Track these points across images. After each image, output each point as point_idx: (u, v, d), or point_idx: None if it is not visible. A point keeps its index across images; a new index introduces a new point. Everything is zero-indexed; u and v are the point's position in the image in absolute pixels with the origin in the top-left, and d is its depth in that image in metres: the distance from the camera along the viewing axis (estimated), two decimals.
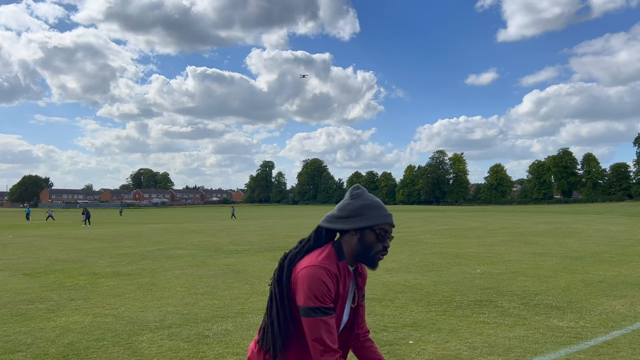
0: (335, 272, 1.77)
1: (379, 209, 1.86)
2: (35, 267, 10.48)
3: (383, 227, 1.83)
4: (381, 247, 1.83)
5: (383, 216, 1.85)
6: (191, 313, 6.01)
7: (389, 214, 1.87)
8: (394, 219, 1.88)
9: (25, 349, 4.60)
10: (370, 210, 1.85)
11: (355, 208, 1.85)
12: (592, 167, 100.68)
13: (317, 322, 1.71)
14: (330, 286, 1.74)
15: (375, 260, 1.83)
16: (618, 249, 12.61)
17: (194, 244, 15.74)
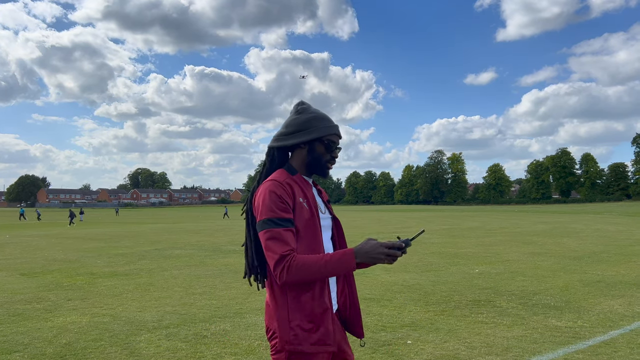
0: (287, 182, 1.83)
1: (325, 120, 1.93)
2: (33, 267, 10.45)
3: (330, 138, 1.91)
4: (329, 156, 1.92)
5: (330, 127, 1.91)
6: (189, 313, 6.00)
7: (335, 125, 1.94)
8: (340, 129, 1.96)
9: (22, 349, 4.58)
10: (317, 122, 1.91)
11: (302, 122, 1.90)
12: (590, 167, 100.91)
13: (270, 232, 1.72)
14: (282, 195, 1.77)
15: (325, 169, 1.92)
16: (616, 249, 12.62)
17: (191, 244, 15.72)
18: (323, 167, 1.92)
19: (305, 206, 1.84)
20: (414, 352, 4.39)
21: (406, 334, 4.97)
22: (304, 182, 1.91)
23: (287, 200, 1.79)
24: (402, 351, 4.41)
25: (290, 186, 1.83)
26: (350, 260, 1.71)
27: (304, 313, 1.76)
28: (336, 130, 1.93)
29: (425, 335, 4.92)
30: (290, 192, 1.81)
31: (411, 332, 5.04)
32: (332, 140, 1.92)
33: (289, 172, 1.90)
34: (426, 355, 4.30)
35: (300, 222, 1.79)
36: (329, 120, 1.93)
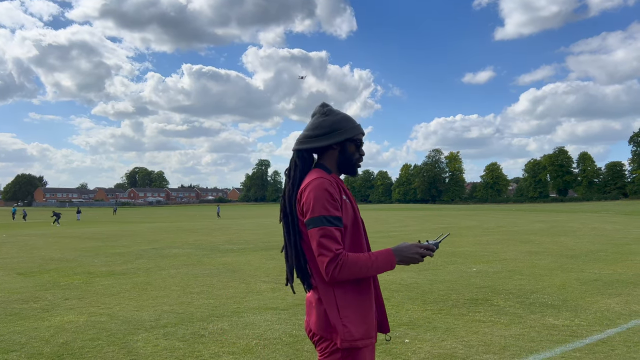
0: (336, 182, 1.89)
1: (352, 120, 2.00)
2: (30, 267, 10.42)
3: (359, 137, 1.99)
4: (359, 155, 1.99)
5: (357, 126, 1.99)
6: (187, 312, 5.99)
7: (359, 125, 2.01)
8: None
9: (19, 349, 4.57)
10: (346, 123, 1.96)
11: (332, 123, 1.94)
12: (587, 165, 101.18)
13: (321, 230, 1.73)
14: (333, 193, 1.81)
15: (356, 168, 2.00)
16: (613, 248, 12.66)
17: (189, 243, 15.70)
18: (354, 166, 1.98)
19: (349, 203, 1.89)
20: (411, 350, 4.39)
21: (404, 332, 4.98)
22: (341, 181, 1.96)
23: (337, 197, 1.82)
24: (400, 350, 4.41)
25: (336, 182, 1.88)
26: (393, 259, 1.79)
27: (353, 309, 1.80)
28: (362, 130, 2.01)
29: (423, 334, 4.93)
30: (336, 187, 1.85)
31: (409, 330, 5.05)
32: (361, 140, 2.00)
33: (328, 172, 1.93)
34: (423, 354, 4.30)
35: (346, 219, 1.84)
36: (354, 121, 2.00)
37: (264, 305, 6.36)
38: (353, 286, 1.82)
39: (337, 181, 1.91)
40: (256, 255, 12.15)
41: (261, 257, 11.61)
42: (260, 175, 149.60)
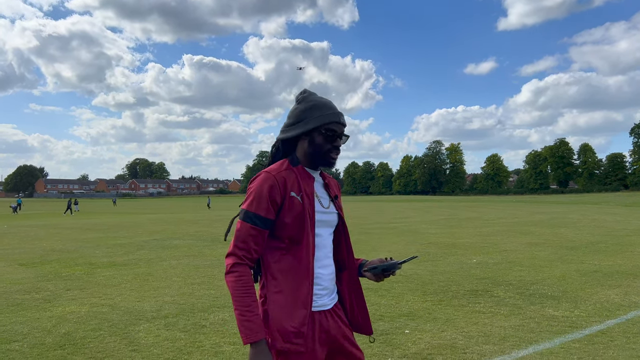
0: (282, 174, 1.80)
1: (324, 108, 1.85)
2: (31, 257, 10.46)
3: (329, 127, 1.83)
4: (330, 146, 1.84)
5: (328, 115, 1.83)
6: (188, 303, 6.02)
7: (335, 113, 1.85)
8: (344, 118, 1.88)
9: (21, 339, 4.60)
10: (314, 111, 1.84)
11: (300, 112, 1.86)
12: (588, 157, 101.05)
13: (241, 224, 1.77)
14: (269, 190, 1.76)
15: (327, 160, 1.85)
16: (613, 239, 12.68)
17: (190, 234, 15.74)
18: (324, 158, 1.85)
19: (298, 200, 1.79)
20: (411, 341, 4.41)
21: (404, 323, 5.00)
22: (304, 175, 1.86)
23: (276, 194, 1.76)
24: (400, 340, 4.44)
25: (283, 179, 1.79)
26: (247, 338, 1.66)
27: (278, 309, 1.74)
28: (336, 118, 1.85)
29: (423, 324, 4.95)
30: (281, 185, 1.78)
31: (409, 321, 5.07)
32: (332, 129, 1.83)
33: (291, 163, 1.85)
34: (423, 344, 4.33)
35: (289, 216, 1.77)
36: (328, 108, 1.85)
37: None
38: (284, 287, 1.75)
39: (295, 175, 1.82)
40: None
41: None
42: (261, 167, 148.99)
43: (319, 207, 1.86)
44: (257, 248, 1.78)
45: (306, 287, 1.76)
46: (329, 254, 1.88)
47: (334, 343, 1.83)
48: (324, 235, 1.88)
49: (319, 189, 1.91)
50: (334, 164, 1.87)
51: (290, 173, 1.82)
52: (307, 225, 1.78)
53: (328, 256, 1.88)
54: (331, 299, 1.88)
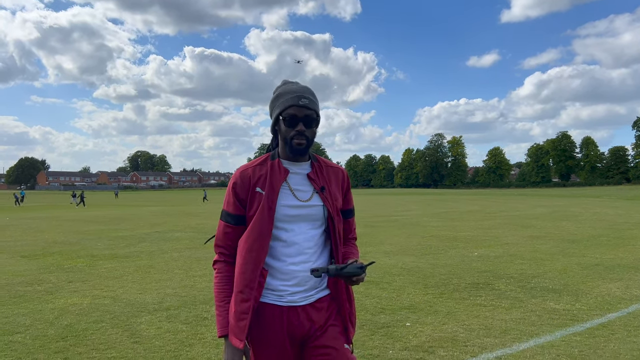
0: (251, 169, 1.82)
1: (285, 94, 1.80)
2: (33, 249, 10.49)
3: (287, 112, 1.77)
4: (293, 131, 1.77)
5: (286, 100, 1.78)
6: (189, 295, 6.03)
7: (293, 97, 1.77)
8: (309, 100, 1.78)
9: (24, 331, 4.61)
10: (277, 101, 1.82)
11: (270, 104, 1.87)
12: (590, 150, 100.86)
13: (219, 223, 1.87)
14: (235, 186, 1.81)
15: (292, 146, 1.78)
16: (615, 232, 12.67)
17: (191, 227, 15.77)
18: (289, 145, 1.78)
19: (262, 194, 1.78)
20: (412, 333, 4.42)
21: (405, 316, 5.01)
22: (278, 168, 1.81)
23: (239, 191, 1.80)
24: (401, 333, 4.44)
25: (249, 174, 1.81)
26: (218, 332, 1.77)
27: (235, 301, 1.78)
28: (293, 101, 1.76)
29: (424, 317, 4.96)
30: (247, 180, 1.80)
31: (410, 314, 5.07)
32: (290, 114, 1.76)
33: (271, 157, 1.85)
34: (425, 337, 4.33)
35: (251, 210, 1.79)
36: (289, 93, 1.79)
37: None
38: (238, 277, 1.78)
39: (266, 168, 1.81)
40: None
41: None
42: None
43: (291, 200, 1.80)
44: (232, 244, 1.83)
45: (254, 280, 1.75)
46: (305, 250, 1.80)
47: (305, 339, 1.80)
48: (298, 231, 1.80)
49: (297, 181, 1.84)
50: (299, 150, 1.78)
51: (261, 168, 1.83)
52: (263, 218, 1.75)
53: (304, 252, 1.79)
54: (307, 296, 1.81)
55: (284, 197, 1.79)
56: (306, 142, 1.78)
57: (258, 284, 1.75)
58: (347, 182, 1.97)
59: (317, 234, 1.83)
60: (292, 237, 1.79)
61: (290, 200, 1.80)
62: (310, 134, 1.79)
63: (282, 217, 1.78)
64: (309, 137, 1.78)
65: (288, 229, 1.79)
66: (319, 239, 1.84)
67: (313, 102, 1.78)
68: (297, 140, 1.76)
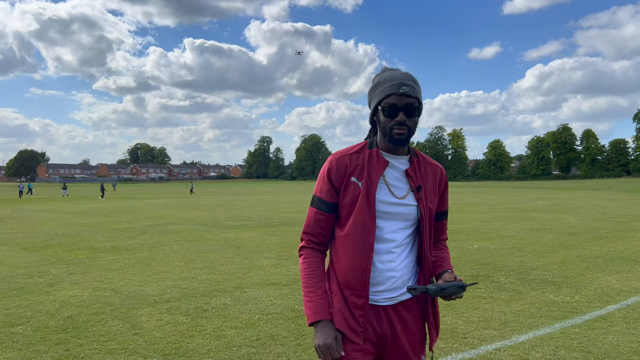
0: (347, 156, 1.73)
1: (382, 84, 1.70)
2: (34, 242, 10.51)
3: (387, 102, 1.67)
4: (393, 121, 1.66)
5: (385, 89, 1.68)
6: (190, 287, 6.05)
7: (392, 85, 1.66)
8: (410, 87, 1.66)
9: (25, 322, 4.63)
10: (376, 90, 1.72)
11: (368, 94, 1.78)
12: (591, 143, 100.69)
13: (309, 209, 1.79)
14: (329, 172, 1.73)
15: (392, 136, 1.67)
16: (614, 225, 12.68)
17: (191, 219, 15.78)
18: (389, 135, 1.68)
19: (358, 186, 1.70)
20: None
21: None
22: (375, 159, 1.73)
23: (333, 178, 1.72)
24: None
25: (345, 162, 1.72)
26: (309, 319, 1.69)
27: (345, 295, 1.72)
28: (393, 89, 1.66)
29: None
30: (343, 168, 1.71)
31: None
32: (389, 103, 1.66)
33: (369, 146, 1.76)
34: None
35: (345, 202, 1.71)
36: (389, 81, 1.68)
37: (266, 280, 6.42)
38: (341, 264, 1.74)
39: (363, 158, 1.73)
40: (258, 231, 12.22)
41: (263, 234, 11.67)
42: (262, 152, 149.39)
43: (386, 196, 1.71)
44: (322, 232, 1.76)
45: (359, 275, 1.69)
46: (393, 249, 1.72)
47: (383, 341, 1.73)
48: (388, 229, 1.72)
49: (394, 175, 1.74)
50: (399, 140, 1.67)
51: (358, 156, 1.74)
52: (365, 213, 1.68)
53: (391, 251, 1.71)
54: (390, 297, 1.73)
55: (380, 191, 1.71)
56: (407, 132, 1.67)
57: (367, 281, 1.69)
58: (445, 183, 1.86)
59: (406, 234, 1.75)
60: (382, 234, 1.71)
61: (386, 196, 1.71)
62: (412, 124, 1.69)
63: (377, 213, 1.70)
64: (411, 126, 1.68)
65: (380, 226, 1.71)
66: (408, 239, 1.76)
67: (415, 90, 1.67)
68: (397, 130, 1.66)
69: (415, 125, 1.71)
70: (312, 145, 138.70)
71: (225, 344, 4.02)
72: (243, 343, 4.04)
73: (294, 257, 8.11)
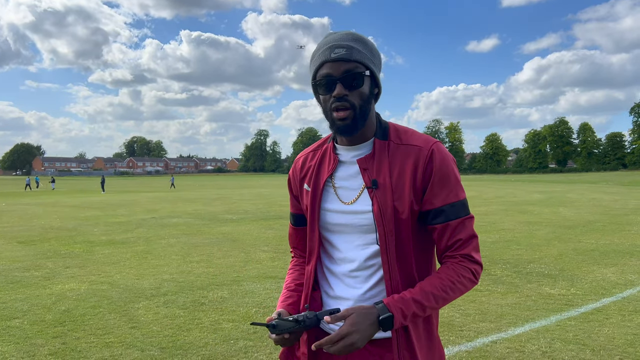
0: (298, 165, 1.44)
1: (315, 54, 1.30)
2: (30, 235, 10.48)
3: (319, 74, 1.26)
4: (329, 97, 1.25)
5: (315, 59, 1.28)
6: (187, 281, 6.05)
7: (324, 50, 1.26)
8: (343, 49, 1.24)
9: (21, 316, 4.62)
10: (310, 66, 1.32)
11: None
12: (587, 136, 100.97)
13: None
14: (289, 182, 1.47)
15: (333, 119, 1.25)
16: (610, 218, 12.73)
17: (188, 213, 15.76)
18: (330, 119, 1.27)
19: (308, 192, 1.37)
20: None
21: None
22: (328, 156, 1.37)
23: (292, 185, 1.47)
24: None
25: (300, 163, 1.44)
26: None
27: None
28: (324, 56, 1.25)
29: None
30: (296, 172, 1.44)
31: None
32: (322, 75, 1.25)
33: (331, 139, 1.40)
34: None
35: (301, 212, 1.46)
36: (319, 48, 1.29)
37: (263, 274, 6.42)
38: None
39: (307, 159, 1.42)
40: (255, 225, 12.22)
41: (260, 227, 11.67)
42: (259, 146, 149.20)
43: (332, 203, 1.32)
44: (299, 245, 1.51)
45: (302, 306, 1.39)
46: (353, 274, 1.29)
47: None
48: (345, 246, 1.31)
49: (345, 173, 1.33)
50: (342, 126, 1.25)
51: (314, 154, 1.42)
52: (311, 231, 1.37)
53: (351, 275, 1.30)
54: None
55: (326, 197, 1.34)
56: (352, 112, 1.23)
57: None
58: (433, 166, 1.25)
59: (369, 253, 1.28)
60: (337, 254, 1.33)
61: (331, 203, 1.33)
62: (358, 98, 1.23)
63: (325, 225, 1.34)
64: (355, 102, 1.23)
65: (333, 243, 1.34)
66: (373, 259, 1.28)
67: (355, 51, 1.23)
68: (335, 107, 1.24)
69: (365, 100, 1.25)
70: (309, 139, 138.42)
71: (222, 337, 4.03)
72: (240, 336, 4.05)
73: None
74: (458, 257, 1.27)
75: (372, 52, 1.29)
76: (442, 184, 1.26)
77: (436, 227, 1.27)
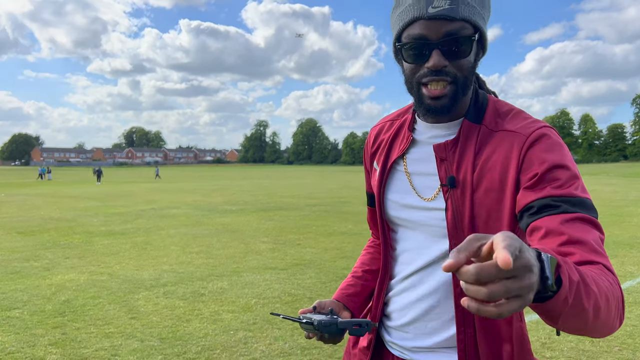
0: (372, 134, 1.18)
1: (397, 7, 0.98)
2: (29, 226, 10.47)
3: (409, 33, 0.93)
4: (421, 71, 0.94)
5: (403, 11, 0.94)
6: (186, 271, 6.05)
7: (413, 4, 0.92)
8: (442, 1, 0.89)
9: (21, 306, 4.62)
10: (393, 14, 1.00)
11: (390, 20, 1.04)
12: (588, 127, 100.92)
13: None
14: (364, 155, 1.21)
15: (421, 96, 0.96)
16: (611, 210, 12.73)
17: (187, 204, 15.76)
18: (416, 94, 0.97)
19: (376, 172, 1.12)
20: None
21: None
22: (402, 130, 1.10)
23: (366, 159, 1.20)
24: None
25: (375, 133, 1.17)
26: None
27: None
28: (414, 11, 0.91)
29: None
30: (369, 145, 1.18)
31: None
32: (416, 36, 0.92)
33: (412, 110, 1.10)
34: None
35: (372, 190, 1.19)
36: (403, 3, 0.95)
37: (263, 265, 6.42)
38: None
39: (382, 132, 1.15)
40: (255, 215, 12.22)
41: (260, 218, 11.67)
42: (259, 136, 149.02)
43: (401, 195, 1.06)
44: (374, 229, 1.29)
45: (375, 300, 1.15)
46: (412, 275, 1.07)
47: None
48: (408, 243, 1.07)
49: (420, 156, 1.05)
50: (433, 106, 0.95)
51: (392, 123, 1.14)
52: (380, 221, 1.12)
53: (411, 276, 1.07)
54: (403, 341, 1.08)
55: (395, 185, 1.08)
56: (451, 89, 0.94)
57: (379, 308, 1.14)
58: (531, 156, 0.92)
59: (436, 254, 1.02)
60: (401, 247, 1.10)
61: (401, 195, 1.06)
62: (460, 69, 0.93)
63: (388, 217, 1.10)
64: (457, 75, 0.93)
65: (397, 237, 1.11)
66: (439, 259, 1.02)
67: (460, 4, 0.90)
68: (429, 89, 0.94)
69: (469, 71, 0.95)
70: (308, 130, 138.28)
71: (222, 328, 4.03)
72: (240, 327, 4.05)
73: (290, 241, 8.11)
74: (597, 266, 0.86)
75: (483, 3, 0.95)
76: (550, 173, 0.94)
77: (546, 218, 0.92)
